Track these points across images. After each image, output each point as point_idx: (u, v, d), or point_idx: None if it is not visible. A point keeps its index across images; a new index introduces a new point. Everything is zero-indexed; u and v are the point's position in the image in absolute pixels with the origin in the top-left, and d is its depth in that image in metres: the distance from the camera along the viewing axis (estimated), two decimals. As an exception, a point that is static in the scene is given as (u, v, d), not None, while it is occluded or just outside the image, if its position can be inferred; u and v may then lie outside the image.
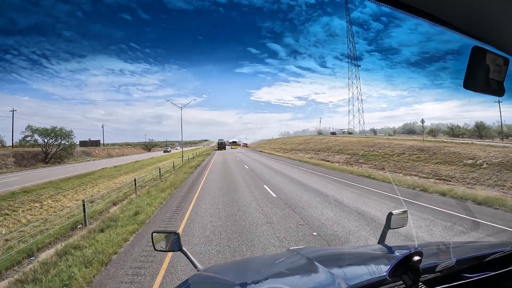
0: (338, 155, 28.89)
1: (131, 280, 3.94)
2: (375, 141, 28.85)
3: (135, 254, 4.87)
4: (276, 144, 62.02)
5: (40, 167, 30.38)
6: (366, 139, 33.79)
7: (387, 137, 38.09)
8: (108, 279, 4.00)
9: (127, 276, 4.07)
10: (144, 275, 4.04)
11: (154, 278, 3.94)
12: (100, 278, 4.06)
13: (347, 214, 6.94)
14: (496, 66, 0.88)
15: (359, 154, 26.33)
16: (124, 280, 3.94)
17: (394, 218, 1.66)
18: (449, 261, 0.99)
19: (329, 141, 37.44)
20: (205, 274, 1.54)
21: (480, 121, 39.93)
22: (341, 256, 1.66)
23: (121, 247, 5.24)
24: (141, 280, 3.90)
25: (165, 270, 4.17)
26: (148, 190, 11.39)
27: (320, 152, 33.68)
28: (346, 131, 59.34)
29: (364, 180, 13.26)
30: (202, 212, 7.54)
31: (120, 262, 4.60)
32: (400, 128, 61.24)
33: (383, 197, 8.98)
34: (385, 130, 64.24)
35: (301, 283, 1.17)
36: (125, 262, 4.58)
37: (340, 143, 33.61)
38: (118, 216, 7.24)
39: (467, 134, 42.55)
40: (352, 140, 33.56)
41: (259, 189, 10.87)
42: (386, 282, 0.90)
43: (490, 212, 6.90)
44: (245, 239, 5.36)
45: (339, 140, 36.41)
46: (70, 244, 5.34)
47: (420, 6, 0.76)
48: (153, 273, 4.09)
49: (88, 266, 4.27)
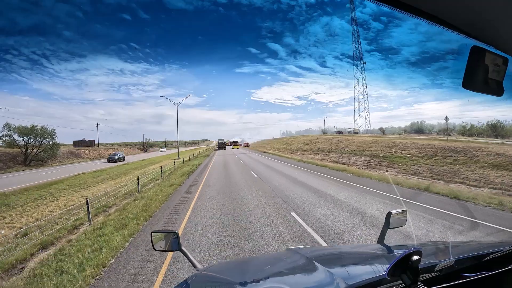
0: (354, 157, 25.30)
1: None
2: (395, 141, 25.28)
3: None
4: (279, 144, 58.08)
5: (15, 171, 26.71)
6: (381, 138, 30.24)
7: (402, 136, 34.56)
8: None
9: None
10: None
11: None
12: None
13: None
14: (495, 66, 0.87)
15: (379, 156, 22.75)
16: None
17: (393, 217, 1.60)
18: (448, 261, 0.99)
19: (339, 140, 33.79)
20: (205, 273, 1.51)
21: (496, 120, 37.10)
22: (340, 256, 1.64)
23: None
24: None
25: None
26: (106, 220, 7.48)
27: (331, 153, 30.03)
28: (352, 130, 56.24)
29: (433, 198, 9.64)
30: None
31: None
32: (408, 127, 58.57)
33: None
34: (391, 130, 61.29)
35: (301, 283, 1.15)
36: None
37: (352, 143, 30.01)
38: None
39: (485, 133, 39.61)
40: (367, 139, 29.97)
41: (289, 223, 6.47)
42: (385, 282, 0.90)
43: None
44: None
45: (350, 139, 32.81)
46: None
47: (419, 6, 0.75)
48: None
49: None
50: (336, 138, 36.19)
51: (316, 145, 37.19)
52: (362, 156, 24.44)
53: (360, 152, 25.70)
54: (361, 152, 25.55)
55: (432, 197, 9.26)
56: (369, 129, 56.16)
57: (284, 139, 63.88)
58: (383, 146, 24.70)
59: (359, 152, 25.85)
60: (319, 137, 43.58)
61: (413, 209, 7.56)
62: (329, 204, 8.46)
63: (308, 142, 42.28)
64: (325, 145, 34.82)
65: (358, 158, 24.13)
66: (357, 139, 31.58)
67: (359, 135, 41.55)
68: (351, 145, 29.31)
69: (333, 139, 36.62)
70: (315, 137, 45.93)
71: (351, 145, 29.22)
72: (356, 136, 37.20)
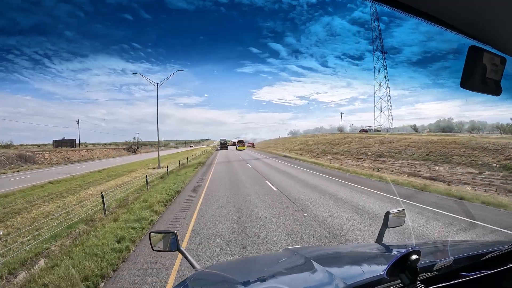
0: (439, 167, 16.13)
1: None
2: (483, 141, 16.15)
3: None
4: (291, 144, 48.87)
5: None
6: (437, 137, 20.93)
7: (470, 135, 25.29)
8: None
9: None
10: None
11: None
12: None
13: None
14: (493, 66, 0.86)
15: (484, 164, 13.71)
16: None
17: (392, 217, 1.60)
18: (446, 260, 0.98)
19: (383, 140, 24.65)
20: (205, 272, 1.48)
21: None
22: (339, 256, 1.63)
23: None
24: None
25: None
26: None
27: (383, 157, 21.04)
28: (374, 128, 49.60)
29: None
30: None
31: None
32: (432, 125, 50.77)
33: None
34: (405, 128, 53.44)
35: (299, 282, 1.13)
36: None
37: (409, 143, 20.94)
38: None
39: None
40: (422, 139, 20.82)
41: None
42: (384, 281, 0.89)
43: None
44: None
45: (400, 138, 23.66)
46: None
47: (418, 6, 0.75)
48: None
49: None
50: (377, 138, 27.07)
51: (349, 146, 28.18)
52: (455, 165, 15.23)
53: (439, 158, 16.57)
54: (443, 158, 16.40)
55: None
56: (391, 127, 49.72)
57: (296, 138, 54.79)
58: (464, 147, 15.49)
59: (438, 158, 16.70)
60: (347, 136, 34.49)
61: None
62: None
63: (333, 142, 33.42)
64: (363, 146, 25.75)
65: (450, 169, 15.06)
66: (412, 138, 22.45)
67: (393, 134, 32.34)
68: (409, 146, 20.17)
69: (370, 138, 27.51)
70: (342, 135, 36.72)
71: (410, 146, 20.09)
72: (405, 135, 28.00)
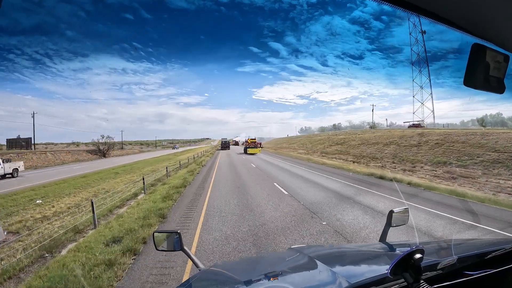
0: None
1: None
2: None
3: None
4: (316, 144, 39.42)
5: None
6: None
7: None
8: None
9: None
10: None
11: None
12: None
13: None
14: (496, 63, 0.85)
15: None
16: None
17: (395, 216, 1.60)
18: (450, 259, 0.97)
19: (456, 140, 19.00)
20: (209, 271, 1.46)
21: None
22: (342, 255, 1.62)
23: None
24: None
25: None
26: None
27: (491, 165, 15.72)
28: (413, 123, 45.10)
29: None
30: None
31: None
32: (480, 119, 45.28)
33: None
34: (455, 125, 48.85)
35: (303, 281, 1.12)
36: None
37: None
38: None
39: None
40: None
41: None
42: (387, 280, 0.89)
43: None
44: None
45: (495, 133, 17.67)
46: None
47: (420, 4, 0.74)
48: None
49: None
50: (443, 135, 21.18)
51: (422, 148, 19.19)
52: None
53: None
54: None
55: None
56: (433, 122, 45.67)
57: (321, 137, 46.71)
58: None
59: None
60: (403, 135, 24.27)
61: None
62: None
63: (387, 141, 24.13)
64: (447, 148, 17.42)
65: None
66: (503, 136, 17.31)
67: (461, 129, 25.51)
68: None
69: (431, 136, 21.42)
70: (400, 131, 26.96)
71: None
72: (495, 130, 20.91)
